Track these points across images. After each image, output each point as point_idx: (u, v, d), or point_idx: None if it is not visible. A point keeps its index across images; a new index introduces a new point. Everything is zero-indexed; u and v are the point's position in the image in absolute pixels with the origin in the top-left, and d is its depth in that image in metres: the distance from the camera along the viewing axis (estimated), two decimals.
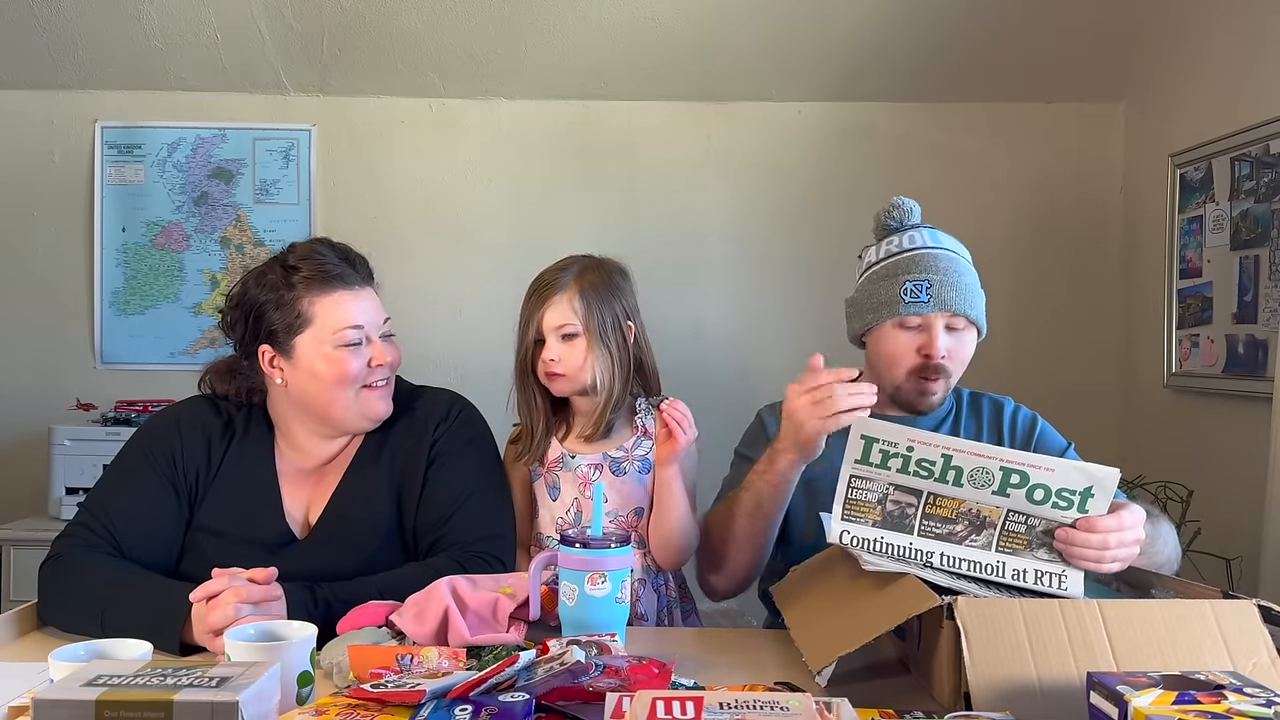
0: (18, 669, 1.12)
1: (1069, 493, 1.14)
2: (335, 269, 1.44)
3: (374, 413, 1.47)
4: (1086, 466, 1.14)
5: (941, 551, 1.18)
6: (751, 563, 1.51)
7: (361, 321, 1.44)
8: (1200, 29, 2.58)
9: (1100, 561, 1.15)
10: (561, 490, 1.59)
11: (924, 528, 1.18)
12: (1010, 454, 1.13)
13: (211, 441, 1.46)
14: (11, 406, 2.97)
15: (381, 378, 1.47)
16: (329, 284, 1.43)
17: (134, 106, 3.01)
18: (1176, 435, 2.64)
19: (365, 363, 1.44)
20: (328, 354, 1.41)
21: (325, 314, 1.42)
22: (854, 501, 1.20)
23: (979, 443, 1.16)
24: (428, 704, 0.88)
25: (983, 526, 1.17)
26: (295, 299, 1.42)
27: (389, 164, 3.02)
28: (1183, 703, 0.80)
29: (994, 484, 1.14)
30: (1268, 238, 2.29)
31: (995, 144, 2.99)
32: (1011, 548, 1.17)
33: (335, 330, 1.42)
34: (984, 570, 1.17)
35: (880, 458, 1.16)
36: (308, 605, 1.24)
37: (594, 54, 2.85)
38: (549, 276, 1.58)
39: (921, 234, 1.54)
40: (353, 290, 1.45)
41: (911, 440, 1.15)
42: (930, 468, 1.15)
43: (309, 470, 1.49)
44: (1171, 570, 1.36)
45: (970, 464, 1.13)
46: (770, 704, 0.79)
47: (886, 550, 1.19)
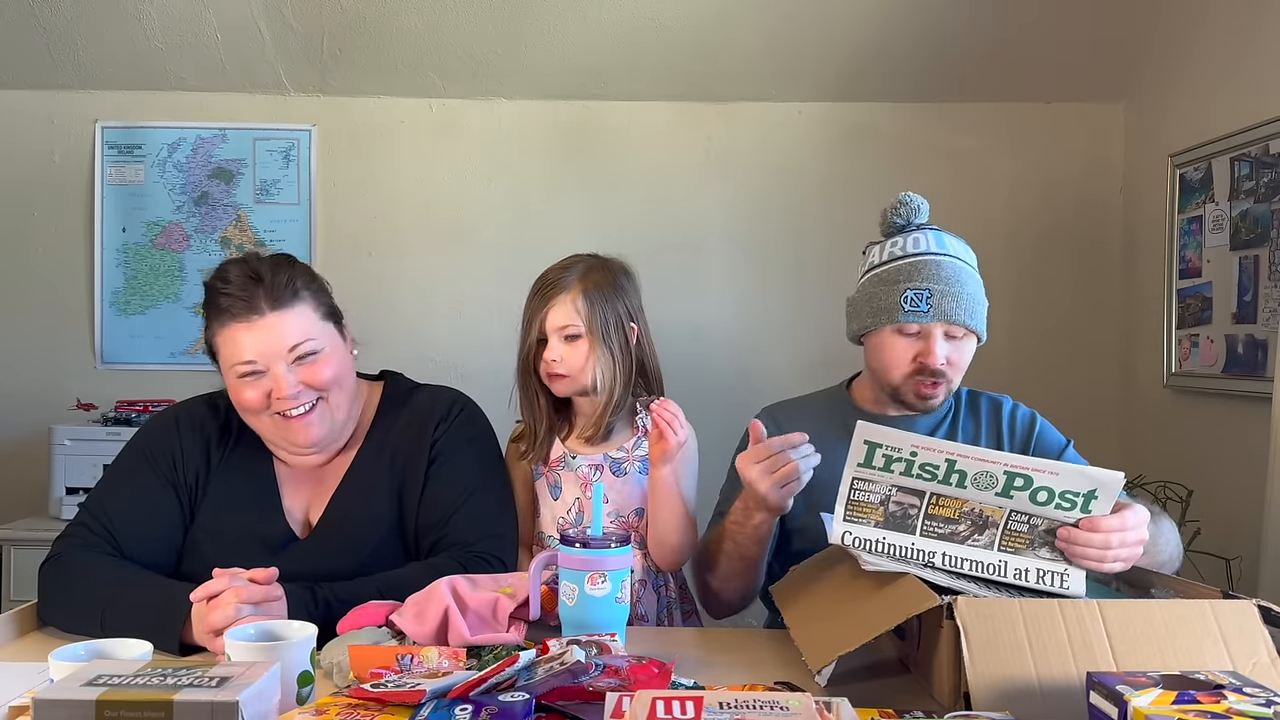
0: (18, 669, 1.12)
1: (1072, 494, 1.14)
2: (226, 301, 1.36)
3: (298, 440, 1.40)
4: (1091, 470, 1.14)
5: (944, 551, 1.18)
6: (743, 591, 1.55)
7: (251, 356, 1.35)
8: (1200, 29, 2.58)
9: (1102, 561, 1.15)
10: (563, 489, 1.59)
11: (926, 528, 1.18)
12: (1015, 459, 1.13)
13: (211, 442, 1.46)
14: (11, 406, 2.97)
15: (292, 407, 1.37)
16: (221, 316, 1.37)
17: (134, 106, 3.01)
18: (1176, 435, 2.64)
19: (264, 394, 1.37)
20: (233, 384, 1.39)
21: (224, 347, 1.38)
22: (856, 503, 1.20)
23: (983, 448, 1.16)
24: (428, 704, 0.88)
25: (985, 526, 1.17)
26: (209, 329, 1.40)
27: (389, 164, 3.02)
28: (1182, 703, 0.80)
29: (998, 486, 1.14)
30: (1267, 238, 2.29)
31: (995, 144, 2.99)
32: (1014, 547, 1.17)
33: (229, 365, 1.37)
34: (986, 570, 1.17)
35: (883, 462, 1.16)
36: (308, 605, 1.24)
37: (594, 54, 2.85)
38: (553, 275, 1.58)
39: (927, 237, 1.52)
40: (247, 322, 1.35)
41: (915, 446, 1.15)
42: (934, 471, 1.15)
43: (308, 471, 1.49)
44: (1173, 569, 1.36)
45: (974, 468, 1.14)
46: (770, 704, 0.80)
47: (888, 551, 1.19)
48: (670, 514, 1.51)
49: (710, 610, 1.63)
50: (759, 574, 1.52)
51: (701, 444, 1.68)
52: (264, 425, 1.41)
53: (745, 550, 1.46)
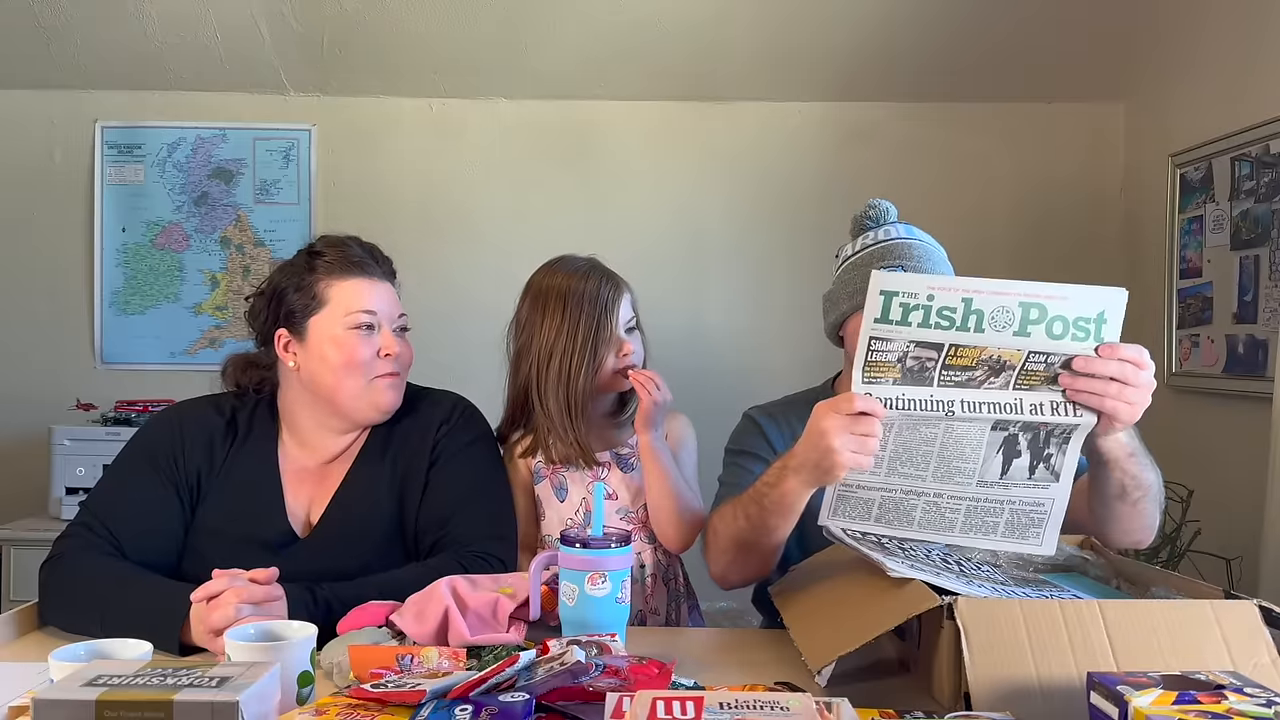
0: (18, 669, 1.12)
1: (1085, 321, 1.12)
2: (357, 257, 1.48)
3: (383, 403, 1.47)
4: (1095, 290, 1.12)
5: (960, 398, 1.16)
6: (758, 565, 1.43)
7: (374, 308, 1.45)
8: (1200, 29, 2.58)
9: (1108, 395, 1.12)
10: (569, 490, 1.59)
11: (944, 378, 1.16)
12: (1028, 287, 1.11)
13: (214, 441, 1.47)
14: (11, 406, 2.97)
15: (390, 369, 1.46)
16: (348, 270, 1.46)
17: (134, 106, 3.01)
18: (1176, 435, 2.64)
19: (374, 351, 1.44)
20: (338, 336, 1.43)
21: (340, 296, 1.44)
22: (874, 364, 1.16)
23: (997, 280, 1.12)
24: (428, 704, 0.88)
25: (1001, 369, 1.15)
26: (314, 282, 1.45)
27: (389, 164, 3.02)
28: (1183, 703, 0.80)
29: (1014, 323, 1.11)
30: (1268, 238, 2.29)
31: (995, 144, 2.99)
32: (1029, 384, 1.16)
33: (348, 312, 1.44)
34: (1003, 409, 1.15)
35: (901, 312, 1.12)
36: (308, 605, 1.23)
37: (594, 54, 2.85)
38: (603, 271, 1.59)
39: (897, 229, 1.55)
40: (371, 279, 1.47)
41: (931, 288, 1.11)
42: (951, 315, 1.11)
43: (312, 468, 1.49)
44: (1157, 505, 1.35)
45: (990, 304, 1.11)
46: (770, 704, 0.79)
47: (907, 405, 1.15)
48: (662, 482, 1.52)
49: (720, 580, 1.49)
50: (777, 544, 1.38)
51: (701, 444, 1.68)
52: (353, 385, 1.44)
53: (768, 516, 1.31)
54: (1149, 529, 1.36)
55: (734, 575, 1.47)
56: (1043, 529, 1.22)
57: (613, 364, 1.55)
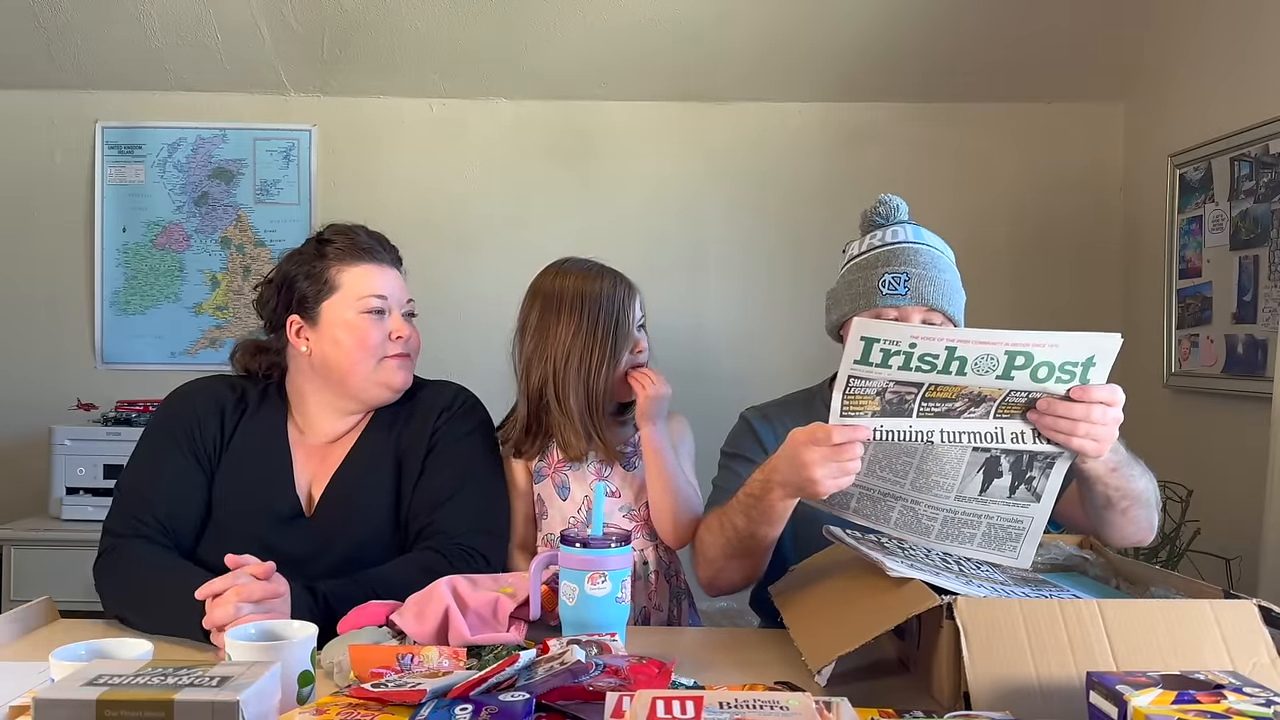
0: (18, 669, 1.12)
1: (1072, 365, 1.11)
2: (365, 244, 1.52)
3: (394, 382, 1.50)
4: (1089, 336, 1.11)
5: (940, 428, 1.15)
6: (748, 570, 1.45)
7: (385, 292, 1.50)
8: (1200, 29, 2.58)
9: (1072, 435, 1.13)
10: (571, 489, 1.59)
11: (923, 409, 1.14)
12: (1015, 336, 1.09)
13: (225, 412, 1.50)
14: (11, 406, 2.97)
15: (401, 350, 1.50)
16: (358, 255, 1.50)
17: (134, 106, 3.01)
18: (1176, 435, 2.64)
19: (386, 334, 1.48)
20: (350, 320, 1.46)
21: (352, 281, 1.48)
22: (853, 397, 1.14)
23: (983, 329, 1.10)
24: (428, 703, 0.89)
25: (982, 401, 1.14)
26: (325, 268, 1.49)
27: (389, 164, 3.02)
28: (1182, 702, 0.80)
29: (998, 369, 1.10)
30: (1267, 238, 2.29)
31: (995, 144, 2.99)
32: (1009, 414, 1.15)
33: (360, 297, 1.47)
34: (983, 439, 1.14)
35: (881, 357, 1.10)
36: (309, 605, 1.24)
37: (594, 54, 2.85)
38: (614, 273, 1.61)
39: (905, 230, 1.53)
40: (380, 265, 1.52)
41: (914, 337, 1.09)
42: (934, 361, 1.10)
43: (315, 447, 1.52)
44: (1153, 507, 1.35)
45: (975, 353, 1.09)
46: (770, 704, 0.79)
47: (886, 437, 1.15)
48: (662, 476, 1.53)
49: (707, 587, 1.52)
50: (764, 554, 1.41)
51: (699, 444, 1.68)
52: (364, 367, 1.47)
53: (755, 528, 1.34)
54: (1146, 531, 1.37)
55: (723, 582, 1.48)
56: (1019, 543, 1.22)
57: (628, 360, 1.57)
